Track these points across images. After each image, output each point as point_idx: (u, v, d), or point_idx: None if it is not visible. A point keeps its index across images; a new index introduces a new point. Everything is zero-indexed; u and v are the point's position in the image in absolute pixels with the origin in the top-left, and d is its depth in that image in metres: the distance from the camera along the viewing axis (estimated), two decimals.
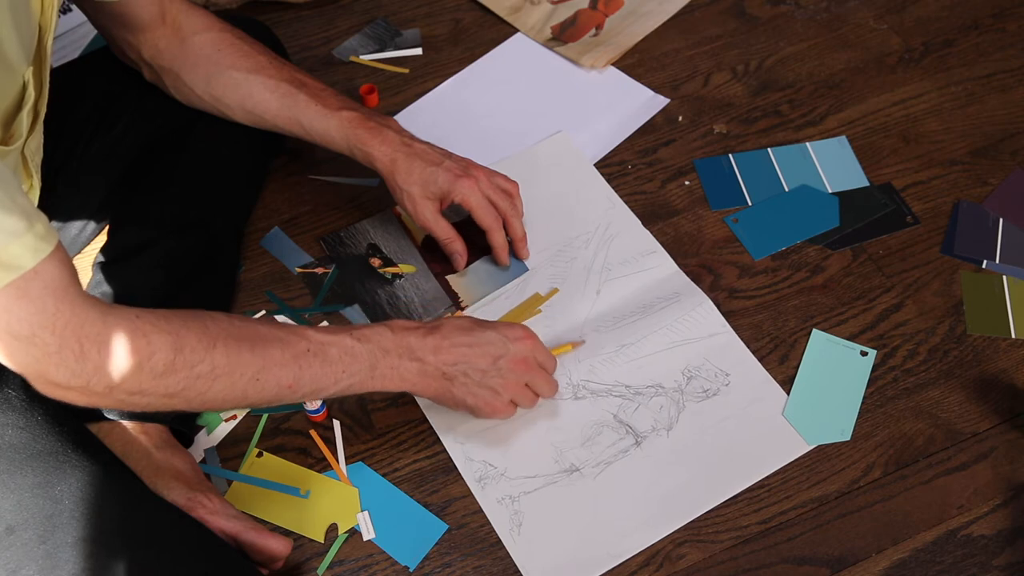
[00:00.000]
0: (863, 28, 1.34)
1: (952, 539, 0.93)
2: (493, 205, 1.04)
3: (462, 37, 1.35)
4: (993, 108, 1.24)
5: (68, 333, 0.70)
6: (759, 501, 0.95)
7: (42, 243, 0.68)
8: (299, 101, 1.01)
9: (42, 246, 0.68)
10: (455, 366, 0.91)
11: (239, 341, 0.79)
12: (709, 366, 1.03)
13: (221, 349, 0.78)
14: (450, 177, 1.01)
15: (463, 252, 1.07)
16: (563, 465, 0.97)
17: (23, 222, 0.67)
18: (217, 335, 0.78)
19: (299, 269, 1.13)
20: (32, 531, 0.75)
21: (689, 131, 1.24)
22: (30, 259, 0.67)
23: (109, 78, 1.06)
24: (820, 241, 1.13)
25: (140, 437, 0.91)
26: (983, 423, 0.99)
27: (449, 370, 0.91)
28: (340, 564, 0.93)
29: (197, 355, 0.76)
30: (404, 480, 0.98)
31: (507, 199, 1.05)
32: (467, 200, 1.02)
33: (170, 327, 0.75)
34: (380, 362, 0.88)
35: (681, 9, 1.37)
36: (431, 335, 0.90)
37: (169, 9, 0.99)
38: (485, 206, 1.03)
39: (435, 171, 1.01)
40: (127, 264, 1.00)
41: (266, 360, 0.81)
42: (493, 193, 1.04)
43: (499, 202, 1.04)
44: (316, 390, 0.85)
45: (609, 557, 0.92)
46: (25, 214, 0.67)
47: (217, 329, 0.78)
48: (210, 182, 1.07)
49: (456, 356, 0.91)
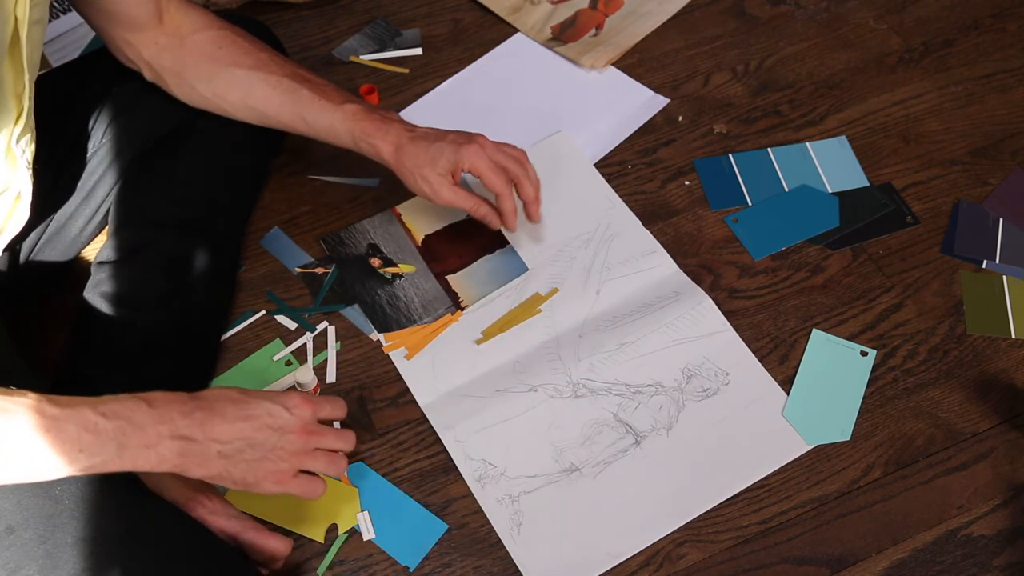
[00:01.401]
0: (863, 28, 1.34)
1: (952, 539, 0.93)
2: (504, 168, 1.02)
3: (462, 37, 1.35)
4: (993, 108, 1.24)
5: None
6: (759, 501, 0.95)
7: None
8: (302, 97, 1.00)
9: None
10: (231, 444, 0.80)
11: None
12: (709, 365, 1.03)
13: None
14: (455, 147, 0.99)
15: (494, 212, 1.04)
16: (563, 464, 0.97)
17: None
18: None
19: (299, 269, 1.13)
20: (32, 531, 0.75)
21: (689, 131, 1.24)
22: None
23: (109, 78, 1.06)
24: (820, 241, 1.13)
25: None
26: (983, 423, 0.99)
27: (227, 453, 0.79)
28: (340, 564, 0.93)
29: None
30: (404, 480, 0.98)
31: (515, 162, 1.03)
32: (475, 165, 1.00)
33: None
34: (130, 440, 0.74)
35: (681, 9, 1.37)
36: (199, 410, 0.79)
37: (166, 8, 0.99)
38: (494, 168, 1.01)
39: (440, 146, 1.00)
40: (127, 264, 1.00)
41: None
42: (501, 157, 1.02)
43: (508, 165, 1.02)
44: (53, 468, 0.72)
45: (609, 557, 0.92)
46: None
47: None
48: (210, 182, 1.07)
49: (233, 433, 0.80)
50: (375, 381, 1.04)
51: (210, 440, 0.79)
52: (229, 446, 0.80)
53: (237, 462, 0.80)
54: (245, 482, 0.82)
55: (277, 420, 0.82)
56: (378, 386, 1.04)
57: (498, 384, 1.02)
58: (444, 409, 1.01)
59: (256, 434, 0.81)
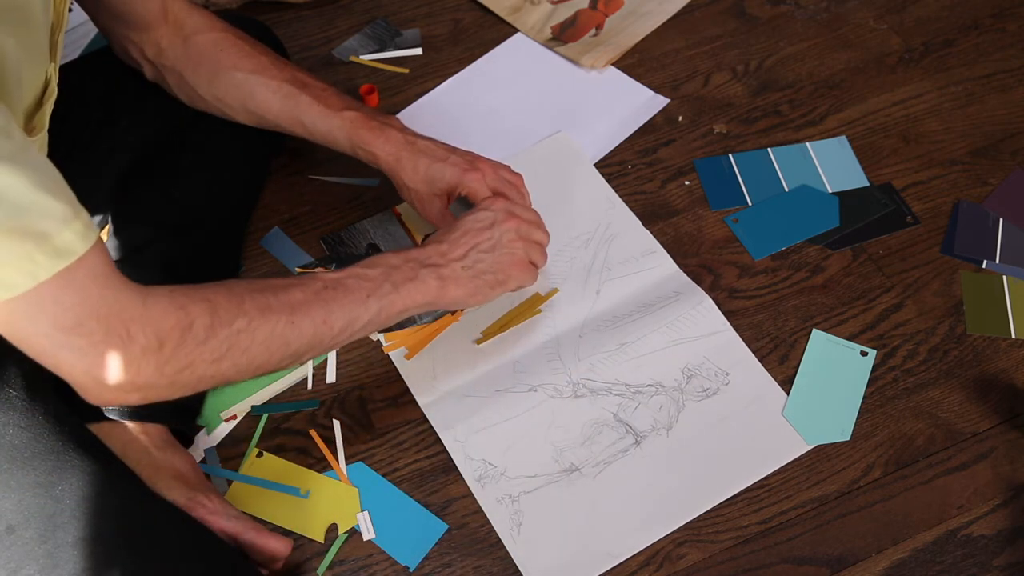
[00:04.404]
0: (863, 28, 1.34)
1: (952, 539, 0.93)
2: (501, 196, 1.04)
3: (462, 37, 1.35)
4: (993, 108, 1.24)
5: (112, 317, 0.70)
6: (759, 501, 0.95)
7: (90, 231, 0.68)
8: (301, 102, 1.01)
9: (90, 233, 0.68)
10: (468, 258, 0.94)
11: (262, 292, 0.81)
12: (709, 365, 1.03)
13: (249, 302, 0.79)
14: (456, 172, 1.01)
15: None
16: (563, 464, 0.97)
17: (71, 209, 0.67)
18: (242, 293, 0.80)
19: (299, 269, 1.13)
20: (33, 530, 0.75)
21: (689, 131, 1.24)
22: (81, 246, 0.67)
23: (109, 78, 1.06)
24: (820, 241, 1.13)
25: (140, 437, 0.91)
26: (983, 423, 0.99)
27: (469, 265, 0.94)
28: (340, 564, 0.93)
29: (231, 313, 0.77)
30: (404, 480, 0.98)
31: (513, 190, 1.05)
32: (474, 194, 1.02)
33: (201, 295, 0.77)
34: (395, 275, 0.90)
35: (681, 9, 1.37)
36: (428, 245, 0.94)
37: (171, 7, 0.99)
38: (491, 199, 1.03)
39: (441, 167, 1.01)
40: (127, 264, 1.00)
41: (292, 303, 0.82)
42: (500, 185, 1.03)
43: (506, 193, 1.04)
44: (351, 321, 0.86)
45: (609, 557, 0.92)
46: (71, 202, 0.68)
47: (240, 288, 0.80)
48: (210, 182, 1.07)
49: (462, 248, 0.94)
50: (375, 381, 1.04)
51: (451, 261, 0.93)
52: (467, 259, 0.94)
53: (481, 271, 0.95)
54: (498, 283, 0.96)
55: (486, 219, 0.97)
56: (378, 386, 1.04)
57: (498, 384, 1.02)
58: (444, 409, 1.01)
59: (479, 238, 0.95)
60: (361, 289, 0.87)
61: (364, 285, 0.87)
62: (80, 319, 0.68)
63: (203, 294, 0.77)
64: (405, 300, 0.90)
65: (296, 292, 0.83)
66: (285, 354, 0.82)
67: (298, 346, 0.82)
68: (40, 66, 0.78)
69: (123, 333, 0.71)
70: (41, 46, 0.77)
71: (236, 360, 0.78)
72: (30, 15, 0.73)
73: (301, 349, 0.83)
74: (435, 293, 0.92)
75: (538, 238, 1.00)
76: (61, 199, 0.67)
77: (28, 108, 0.78)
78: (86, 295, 0.68)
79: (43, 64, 0.78)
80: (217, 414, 1.01)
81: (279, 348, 0.81)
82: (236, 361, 0.79)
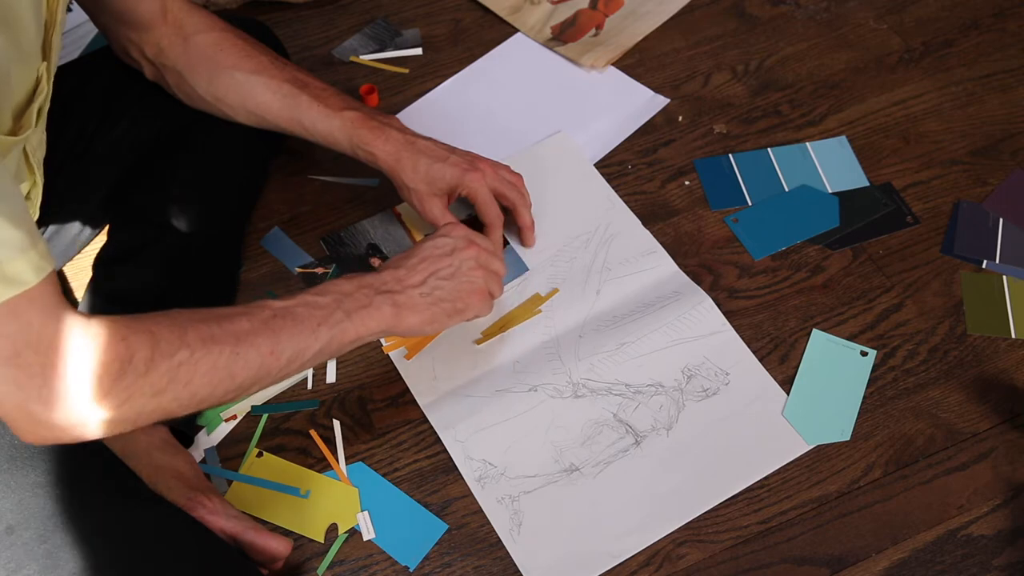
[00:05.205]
0: (863, 28, 1.34)
1: (952, 539, 0.93)
2: (502, 196, 1.05)
3: (462, 37, 1.35)
4: (993, 108, 1.24)
5: (51, 350, 0.68)
6: (759, 501, 0.95)
7: (44, 261, 0.67)
8: (301, 102, 1.01)
9: (44, 264, 0.67)
10: (427, 284, 0.92)
11: (206, 322, 0.78)
12: (709, 365, 1.03)
13: (192, 333, 0.76)
14: (456, 172, 1.01)
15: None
16: (563, 464, 0.97)
17: (28, 238, 0.66)
18: (185, 323, 0.76)
19: (299, 269, 1.13)
20: (33, 530, 0.75)
21: (689, 131, 1.24)
22: (33, 276, 0.66)
23: (109, 78, 1.06)
24: (820, 241, 1.13)
25: (140, 437, 0.91)
26: (983, 423, 0.99)
27: (427, 292, 0.91)
28: (340, 564, 0.93)
29: (172, 345, 0.74)
30: (404, 480, 0.98)
31: (514, 190, 1.06)
32: (474, 195, 1.02)
33: (144, 326, 0.74)
34: (347, 303, 0.86)
35: (681, 9, 1.37)
36: (384, 271, 0.92)
37: (171, 7, 0.99)
38: (490, 201, 1.03)
39: (441, 167, 1.01)
40: (127, 263, 1.00)
41: (237, 332, 0.78)
42: (500, 185, 1.04)
43: (507, 193, 1.05)
44: (299, 351, 0.83)
45: (609, 557, 0.92)
46: (30, 232, 0.67)
47: (183, 318, 0.77)
48: (210, 182, 1.07)
49: (421, 275, 0.92)
50: (375, 381, 1.04)
51: (408, 288, 0.91)
52: (425, 286, 0.92)
53: (439, 298, 0.92)
54: (456, 311, 0.93)
55: (446, 246, 0.94)
56: (378, 386, 1.04)
57: (498, 384, 1.02)
58: (444, 409, 1.01)
59: (438, 265, 0.93)
60: (312, 318, 0.84)
61: (315, 314, 0.84)
62: (18, 349, 0.67)
63: (146, 325, 0.74)
64: (358, 328, 0.87)
65: (242, 321, 0.80)
66: (230, 387, 0.78)
67: (243, 378, 0.79)
68: (31, 65, 0.78)
69: (60, 366, 0.69)
70: (32, 45, 0.76)
71: (178, 393, 0.75)
72: (18, 15, 0.73)
73: (246, 382, 0.79)
74: (390, 320, 0.89)
75: (496, 268, 0.97)
76: (20, 227, 0.65)
77: (17, 106, 0.78)
78: (28, 326, 0.66)
79: (34, 63, 0.78)
80: (217, 414, 1.01)
81: (223, 380, 0.77)
82: (178, 394, 0.75)
